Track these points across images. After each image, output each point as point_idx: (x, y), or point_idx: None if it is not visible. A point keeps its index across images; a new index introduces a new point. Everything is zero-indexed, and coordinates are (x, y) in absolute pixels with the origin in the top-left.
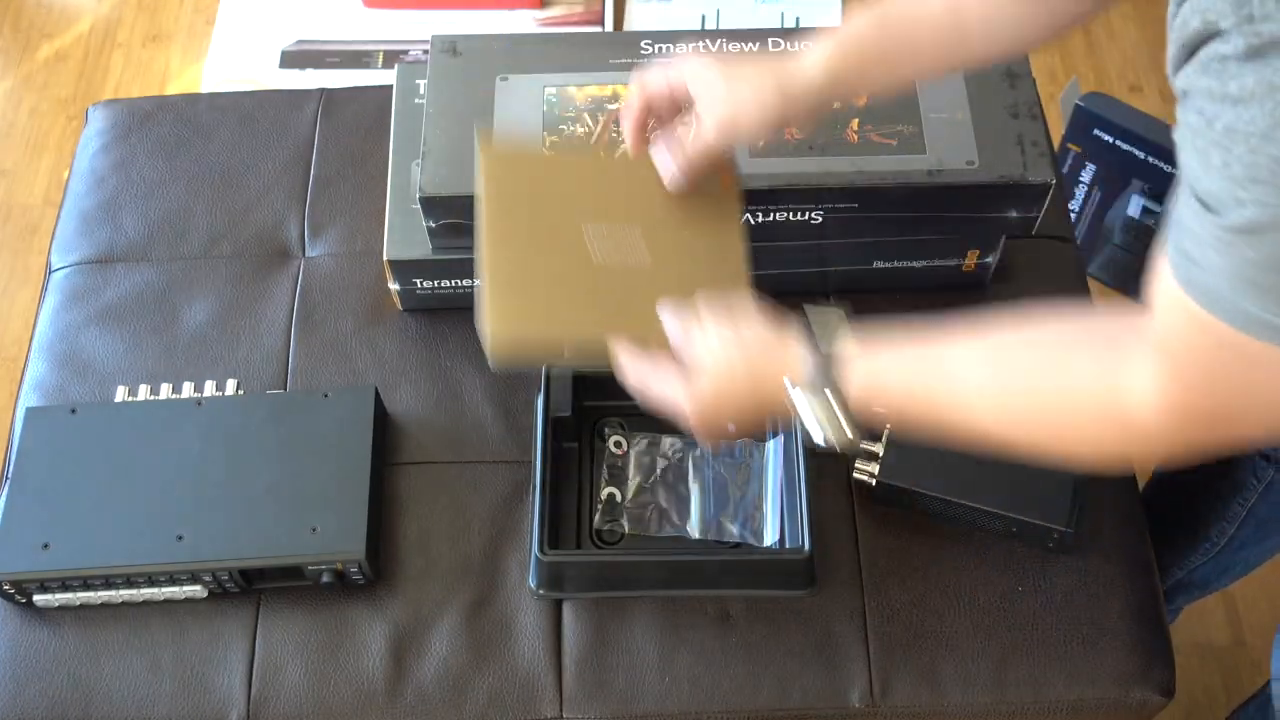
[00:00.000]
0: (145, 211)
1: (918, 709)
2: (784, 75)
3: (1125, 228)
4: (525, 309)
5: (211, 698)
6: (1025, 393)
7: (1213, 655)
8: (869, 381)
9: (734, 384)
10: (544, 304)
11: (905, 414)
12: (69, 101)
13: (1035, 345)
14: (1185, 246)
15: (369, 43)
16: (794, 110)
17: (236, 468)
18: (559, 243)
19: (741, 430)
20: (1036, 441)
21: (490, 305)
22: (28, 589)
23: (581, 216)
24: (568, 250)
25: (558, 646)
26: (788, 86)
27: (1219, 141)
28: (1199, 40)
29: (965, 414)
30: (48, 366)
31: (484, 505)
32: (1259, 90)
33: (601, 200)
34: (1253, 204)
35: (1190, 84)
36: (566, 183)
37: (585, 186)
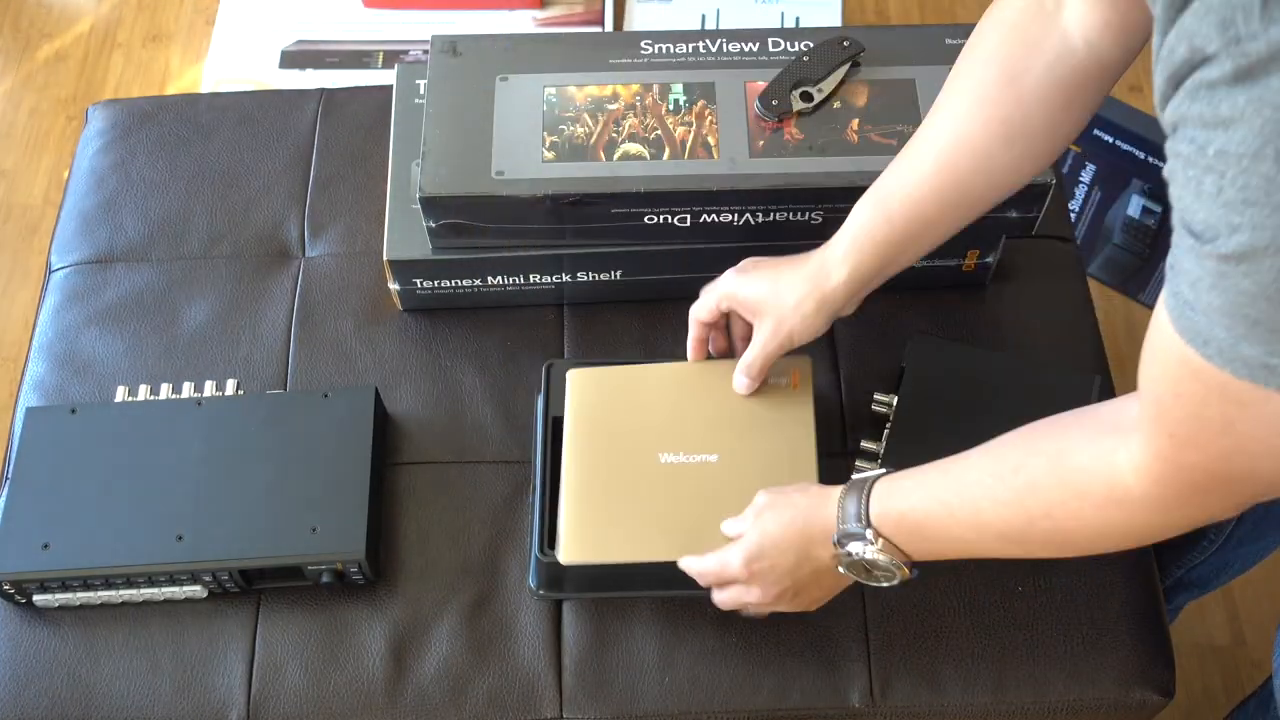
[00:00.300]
0: (145, 211)
1: (918, 709)
2: (818, 284)
3: (1125, 228)
4: (598, 532)
5: (211, 698)
6: (1026, 488)
7: (1213, 655)
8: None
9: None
10: (616, 529)
11: (925, 531)
12: (69, 101)
13: (1033, 441)
14: (1181, 290)
15: (369, 43)
16: (833, 310)
17: (236, 468)
18: (635, 468)
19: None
20: (1046, 535)
21: (564, 524)
22: (28, 589)
23: (658, 439)
24: (642, 475)
25: (558, 646)
26: (824, 296)
27: (1212, 167)
28: (1187, 69)
29: (976, 521)
30: (48, 366)
31: (484, 505)
32: (1249, 109)
33: (678, 415)
34: (1247, 228)
35: (1180, 114)
36: (643, 395)
37: (663, 398)
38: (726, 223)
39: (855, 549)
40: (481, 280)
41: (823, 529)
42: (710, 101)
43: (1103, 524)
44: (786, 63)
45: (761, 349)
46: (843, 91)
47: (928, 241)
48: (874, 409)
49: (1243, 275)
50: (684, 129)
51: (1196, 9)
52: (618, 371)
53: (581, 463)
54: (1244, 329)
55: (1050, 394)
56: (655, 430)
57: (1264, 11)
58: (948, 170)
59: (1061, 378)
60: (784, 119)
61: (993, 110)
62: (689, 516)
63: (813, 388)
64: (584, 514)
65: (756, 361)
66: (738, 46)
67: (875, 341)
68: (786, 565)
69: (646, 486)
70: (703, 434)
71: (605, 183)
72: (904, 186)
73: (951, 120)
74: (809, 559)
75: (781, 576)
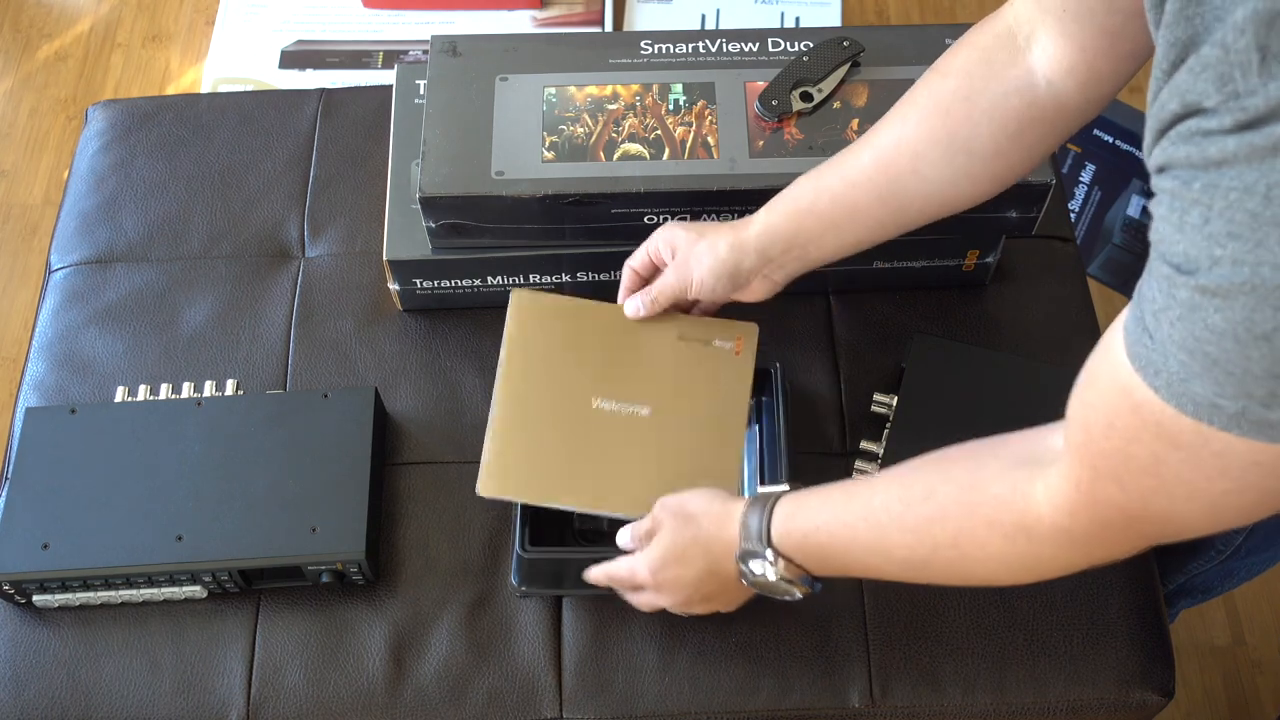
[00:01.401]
0: (145, 211)
1: (918, 709)
2: (735, 230)
3: (1125, 227)
4: (519, 468)
5: (211, 698)
6: (934, 516)
7: (1213, 655)
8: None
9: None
10: (537, 469)
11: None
12: (69, 101)
13: (946, 468)
14: (1143, 317)
15: (369, 43)
16: (738, 263)
17: (236, 468)
18: (566, 408)
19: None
20: (948, 564)
21: (487, 455)
22: (27, 589)
23: (593, 383)
24: (572, 416)
25: (558, 646)
26: (734, 241)
27: (1198, 199)
28: (1177, 121)
29: (880, 546)
30: (47, 366)
31: (484, 505)
32: (1241, 152)
33: (617, 360)
34: (1228, 262)
35: (1168, 157)
36: (585, 333)
37: (605, 340)
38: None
39: (756, 567)
40: (481, 280)
41: (725, 546)
42: (710, 101)
43: (1009, 555)
44: (786, 63)
45: (662, 279)
46: (842, 91)
47: (851, 232)
48: (874, 409)
49: (1214, 310)
50: (684, 129)
51: (1191, 66)
52: (564, 302)
53: (513, 393)
54: (1200, 366)
55: (1050, 394)
56: (592, 372)
57: (1262, 67)
58: (885, 164)
59: (1061, 378)
60: (784, 119)
61: (941, 120)
62: (611, 468)
63: (754, 356)
64: (508, 448)
65: (655, 290)
66: (738, 46)
67: (875, 341)
68: (691, 576)
69: (574, 430)
70: (639, 384)
71: (605, 183)
72: (841, 169)
73: (900, 122)
74: (713, 573)
75: (688, 585)
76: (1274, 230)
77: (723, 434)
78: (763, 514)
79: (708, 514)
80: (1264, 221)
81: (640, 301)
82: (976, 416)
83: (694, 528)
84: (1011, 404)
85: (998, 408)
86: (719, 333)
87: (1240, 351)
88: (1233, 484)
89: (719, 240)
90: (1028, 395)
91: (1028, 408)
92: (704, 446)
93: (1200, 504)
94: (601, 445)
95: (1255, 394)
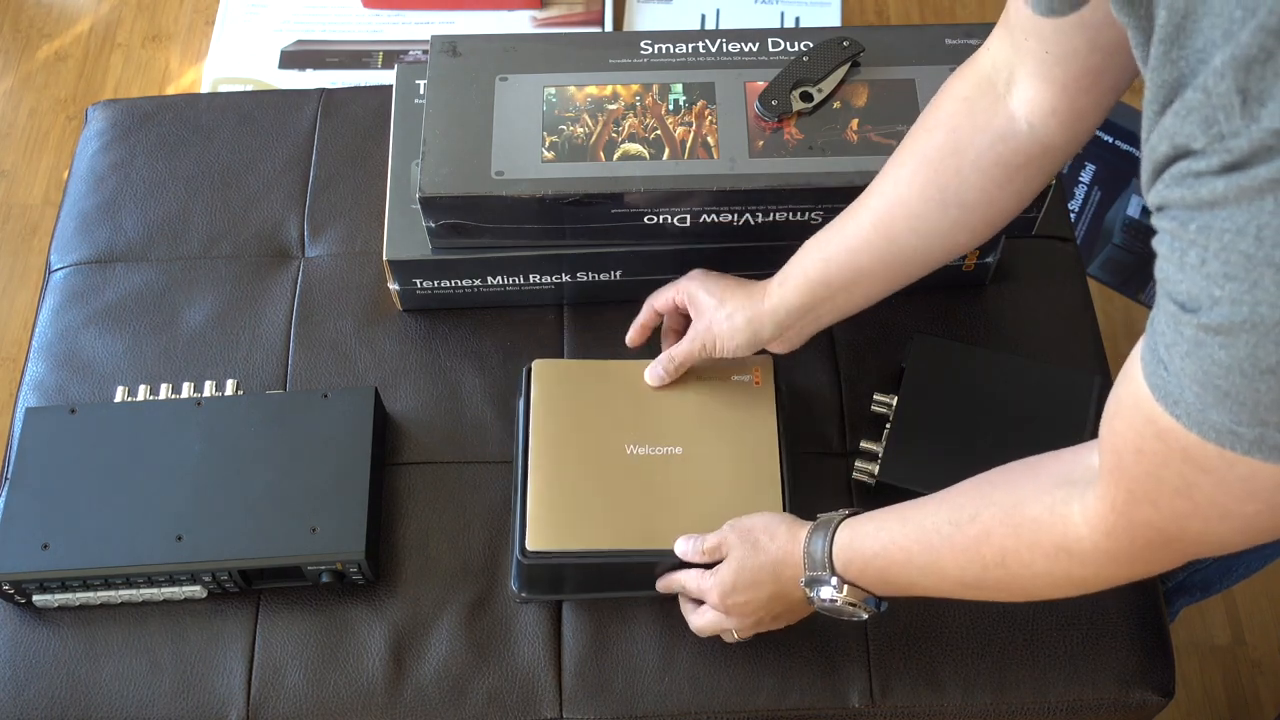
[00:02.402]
0: (145, 211)
1: (918, 709)
2: (753, 303)
3: (1125, 227)
4: (566, 520)
5: (211, 698)
6: (981, 537)
7: (1213, 655)
8: (851, 550)
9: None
10: (583, 518)
11: (887, 576)
12: (69, 101)
13: (989, 491)
14: (1157, 349)
15: (369, 43)
16: (757, 332)
17: (236, 468)
18: (600, 458)
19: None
20: (999, 582)
21: (532, 513)
22: (27, 589)
23: (623, 431)
24: (608, 465)
25: (558, 646)
26: (751, 315)
27: (1195, 240)
28: (1169, 163)
29: (935, 567)
30: (47, 367)
31: (484, 505)
32: (1230, 193)
33: (643, 409)
34: (1227, 302)
35: (1163, 198)
36: (608, 389)
37: (627, 392)
38: (726, 223)
39: (824, 593)
40: (481, 280)
41: (793, 570)
42: (710, 101)
43: (1053, 573)
44: (786, 63)
45: (684, 344)
46: (842, 91)
47: (861, 292)
48: (874, 409)
49: (1219, 347)
50: (684, 129)
51: (1177, 109)
52: (581, 365)
53: (547, 452)
54: (1213, 398)
55: (1050, 394)
56: (620, 423)
57: (1244, 109)
58: (883, 226)
59: (1061, 378)
60: (784, 119)
61: (932, 176)
62: (654, 507)
63: (774, 385)
64: (550, 501)
65: (676, 355)
66: (738, 46)
67: (875, 341)
68: (762, 599)
69: (612, 476)
70: (667, 427)
71: (605, 183)
72: (844, 235)
73: (893, 183)
74: (782, 595)
75: (759, 608)
76: (1268, 270)
77: (758, 462)
78: (825, 540)
79: (774, 539)
80: (1257, 262)
81: (662, 369)
82: (976, 416)
83: (762, 553)
84: (1011, 404)
85: (998, 408)
86: (736, 369)
87: (1248, 385)
88: (1264, 505)
89: (737, 313)
90: (1028, 395)
91: (1028, 408)
92: (742, 475)
93: (1234, 524)
94: (641, 488)
95: (1270, 421)
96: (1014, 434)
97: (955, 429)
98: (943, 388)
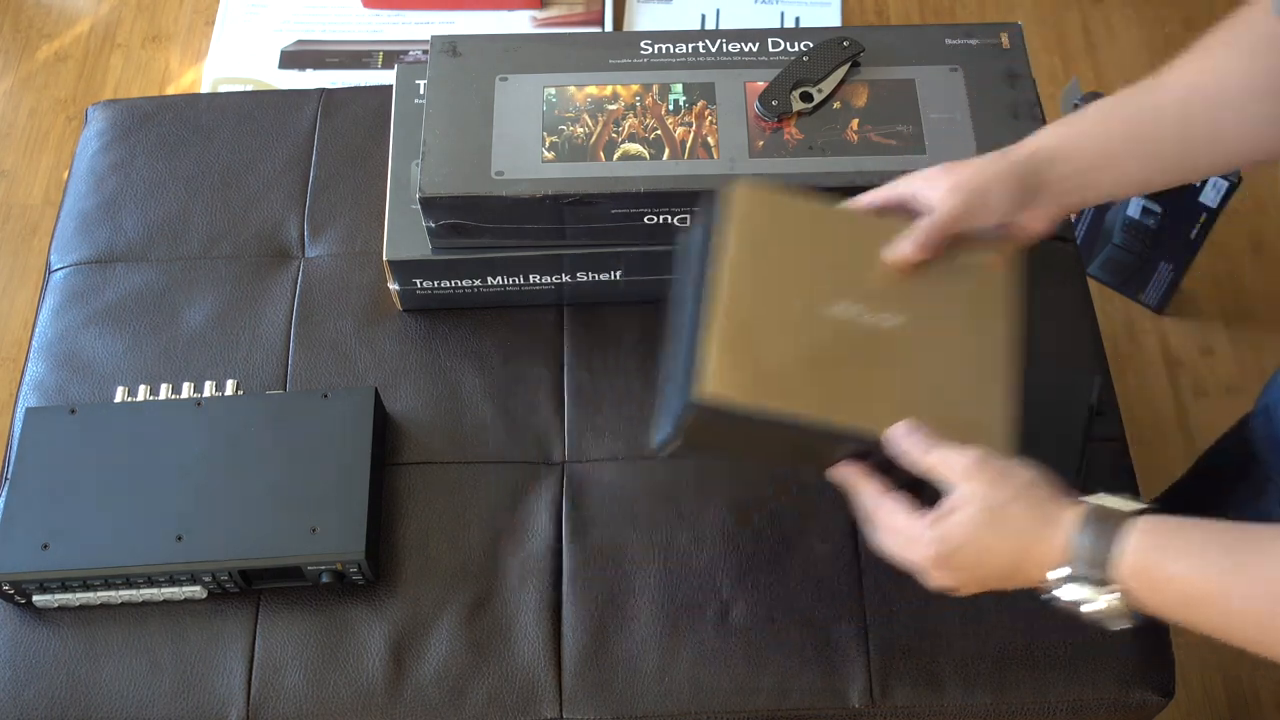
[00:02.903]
0: (145, 212)
1: (918, 709)
2: (1004, 156)
3: (1125, 228)
4: (748, 369)
5: (211, 698)
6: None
7: (1213, 655)
8: (1146, 560)
9: (990, 554)
10: (768, 371)
11: (1185, 604)
12: (69, 102)
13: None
14: None
15: (369, 43)
16: (1019, 175)
17: (236, 468)
18: (798, 309)
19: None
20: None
21: (711, 354)
22: (27, 589)
23: (831, 286)
24: (806, 321)
25: (558, 647)
26: (1008, 153)
27: None
28: None
29: (1258, 623)
30: (47, 367)
31: (484, 505)
32: None
33: (856, 265)
34: None
35: None
36: (819, 234)
37: (841, 243)
38: None
39: (1083, 594)
40: (481, 280)
41: (1041, 559)
42: (710, 101)
43: None
44: (786, 63)
45: (940, 210)
46: (842, 91)
47: (1132, 162)
48: None
49: None
50: (684, 129)
51: None
52: (796, 199)
53: (741, 289)
54: None
55: (1050, 394)
56: (832, 274)
57: None
58: (1194, 91)
59: (1061, 378)
60: (784, 119)
61: (1265, 60)
62: (857, 379)
63: (1018, 282)
64: (737, 345)
65: (932, 225)
66: (738, 46)
67: None
68: (981, 576)
69: (814, 333)
70: (887, 293)
71: (605, 183)
72: (1136, 94)
73: (1215, 53)
74: (1012, 575)
75: (976, 580)
76: None
77: (984, 363)
78: (1108, 539)
79: (1031, 509)
80: None
81: (915, 242)
82: None
83: (1008, 528)
84: None
85: None
86: (971, 250)
87: None
88: None
89: (986, 164)
90: (1027, 395)
91: (1027, 408)
92: (964, 372)
93: None
94: (845, 354)
95: None
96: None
97: None
98: None
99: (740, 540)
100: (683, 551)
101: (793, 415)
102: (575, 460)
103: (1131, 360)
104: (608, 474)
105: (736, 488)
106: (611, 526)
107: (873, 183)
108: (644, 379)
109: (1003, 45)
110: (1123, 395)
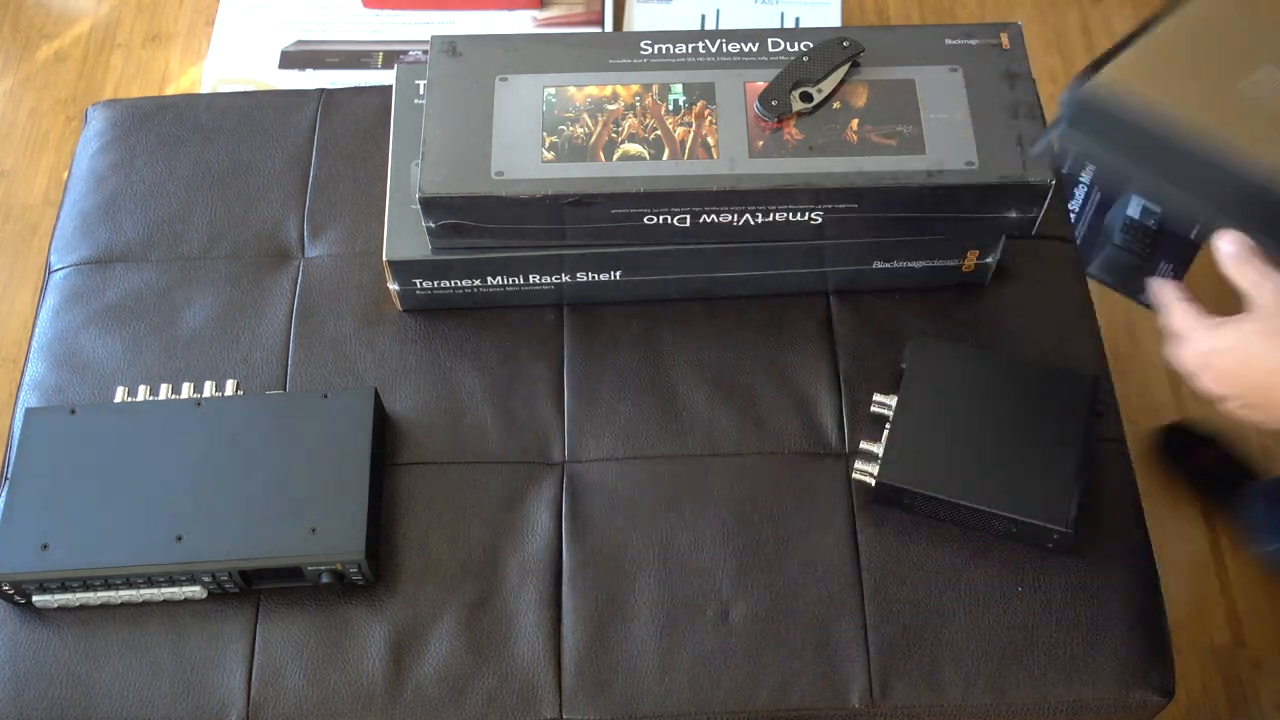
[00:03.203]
0: (145, 212)
1: (918, 709)
2: None
3: (1125, 228)
4: (1170, 69)
5: (211, 698)
6: None
7: (1212, 655)
8: None
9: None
10: (1194, 76)
11: None
12: (69, 102)
13: None
14: None
15: (369, 43)
16: None
17: (236, 468)
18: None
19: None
20: None
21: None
22: (27, 589)
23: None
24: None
25: (558, 646)
26: None
27: None
28: None
29: None
30: (47, 367)
31: (484, 505)
32: None
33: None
34: None
35: None
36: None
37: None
38: (726, 223)
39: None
40: (481, 280)
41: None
42: (710, 102)
43: None
44: (786, 63)
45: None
46: (842, 92)
47: None
48: (874, 409)
49: None
50: (684, 129)
51: None
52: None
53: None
54: None
55: (1050, 394)
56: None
57: None
58: None
59: (1061, 378)
60: (784, 119)
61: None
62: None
63: None
64: (1165, 47)
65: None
66: (737, 47)
67: (875, 341)
68: (1246, 386)
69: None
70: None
71: (605, 183)
72: None
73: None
74: (1272, 393)
75: (1238, 390)
76: None
77: None
78: None
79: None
80: None
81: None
82: (976, 417)
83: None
84: (1011, 404)
85: (997, 408)
86: None
87: None
88: None
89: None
90: (1028, 395)
91: (1027, 408)
92: None
93: None
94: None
95: None
96: (1013, 434)
97: (955, 429)
98: (942, 388)
99: (740, 540)
100: (683, 551)
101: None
102: (575, 460)
103: (1131, 360)
104: (608, 474)
105: (737, 487)
106: (611, 526)
107: (872, 184)
108: (644, 379)
109: (1003, 45)
110: (1123, 395)
